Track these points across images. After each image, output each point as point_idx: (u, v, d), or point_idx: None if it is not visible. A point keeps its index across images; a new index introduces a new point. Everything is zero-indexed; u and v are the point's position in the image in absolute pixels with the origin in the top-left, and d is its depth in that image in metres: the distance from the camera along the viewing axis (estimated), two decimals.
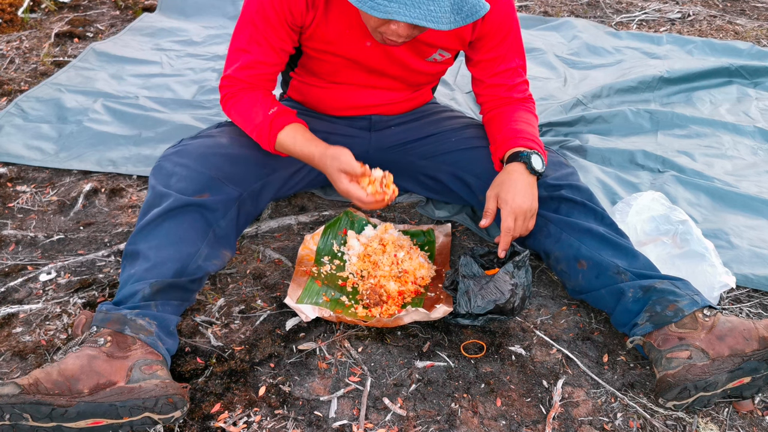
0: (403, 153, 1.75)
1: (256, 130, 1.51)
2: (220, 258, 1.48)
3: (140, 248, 1.37)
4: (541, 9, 3.58)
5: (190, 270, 1.39)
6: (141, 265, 1.35)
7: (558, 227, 1.49)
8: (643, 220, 1.65)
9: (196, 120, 2.26)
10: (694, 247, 1.55)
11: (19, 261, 1.66)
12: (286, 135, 1.49)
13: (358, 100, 1.69)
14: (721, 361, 1.26)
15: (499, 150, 1.56)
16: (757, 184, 2.02)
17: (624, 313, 1.39)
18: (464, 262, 1.44)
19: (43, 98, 2.37)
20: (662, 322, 1.32)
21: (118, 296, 1.33)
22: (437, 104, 1.88)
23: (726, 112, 2.45)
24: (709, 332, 1.29)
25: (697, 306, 1.32)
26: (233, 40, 1.52)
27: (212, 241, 1.45)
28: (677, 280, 1.39)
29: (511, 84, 1.63)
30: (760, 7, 3.71)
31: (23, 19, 3.11)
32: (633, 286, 1.38)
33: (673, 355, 1.29)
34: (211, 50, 2.86)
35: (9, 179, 1.99)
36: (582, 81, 2.67)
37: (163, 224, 1.39)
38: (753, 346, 1.26)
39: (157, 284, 1.32)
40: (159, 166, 1.52)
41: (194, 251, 1.40)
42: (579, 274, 1.46)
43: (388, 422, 1.26)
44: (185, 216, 1.41)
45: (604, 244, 1.44)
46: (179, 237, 1.39)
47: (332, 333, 1.45)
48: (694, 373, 1.25)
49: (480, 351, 1.42)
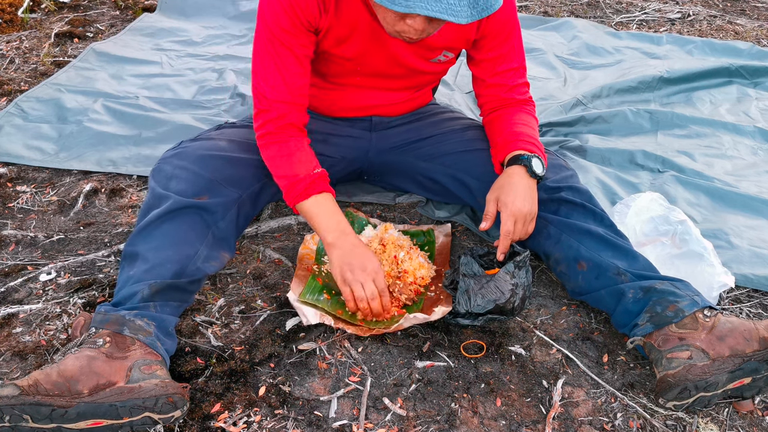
0: (403, 154, 1.74)
1: (292, 179, 1.48)
2: (218, 259, 1.48)
3: (139, 249, 1.38)
4: (541, 9, 3.58)
5: (189, 271, 1.39)
6: (140, 267, 1.35)
7: (558, 229, 1.50)
8: (642, 221, 1.65)
9: (196, 120, 2.26)
10: (693, 247, 1.55)
11: (19, 261, 1.66)
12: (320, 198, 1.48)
13: (360, 101, 1.69)
14: (722, 361, 1.26)
15: (500, 153, 1.56)
16: (757, 184, 2.02)
17: (624, 314, 1.39)
18: (465, 262, 1.44)
19: (43, 98, 2.37)
20: (663, 322, 1.32)
21: (116, 297, 1.33)
22: (437, 105, 1.88)
23: (726, 112, 2.45)
24: (709, 333, 1.29)
25: (697, 306, 1.32)
26: (256, 60, 1.48)
27: (211, 243, 1.45)
28: (677, 281, 1.39)
29: (512, 84, 1.63)
30: (760, 7, 3.71)
31: (23, 19, 3.11)
32: (633, 287, 1.38)
33: (673, 355, 1.29)
34: (211, 50, 2.86)
35: (9, 179, 2.00)
36: (582, 81, 2.67)
37: (162, 226, 1.40)
38: (753, 346, 1.26)
39: (156, 285, 1.33)
40: (158, 169, 1.52)
41: (193, 253, 1.41)
42: (579, 275, 1.46)
43: (388, 422, 1.26)
44: (184, 218, 1.42)
45: (604, 245, 1.44)
46: (178, 239, 1.39)
47: (332, 333, 1.45)
48: (694, 373, 1.25)
49: (480, 351, 1.42)
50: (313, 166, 1.49)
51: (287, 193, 1.49)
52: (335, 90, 1.66)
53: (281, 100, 1.47)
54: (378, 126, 1.75)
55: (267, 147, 1.51)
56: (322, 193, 1.48)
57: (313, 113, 1.72)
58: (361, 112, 1.73)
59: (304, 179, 1.47)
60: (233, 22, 3.15)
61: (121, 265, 1.40)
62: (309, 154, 1.51)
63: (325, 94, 1.68)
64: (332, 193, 1.50)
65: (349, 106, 1.70)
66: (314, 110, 1.73)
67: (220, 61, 2.73)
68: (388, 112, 1.74)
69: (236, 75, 2.58)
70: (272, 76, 1.46)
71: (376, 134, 1.75)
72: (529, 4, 3.64)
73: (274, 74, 1.46)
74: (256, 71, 1.48)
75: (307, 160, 1.50)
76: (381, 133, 1.75)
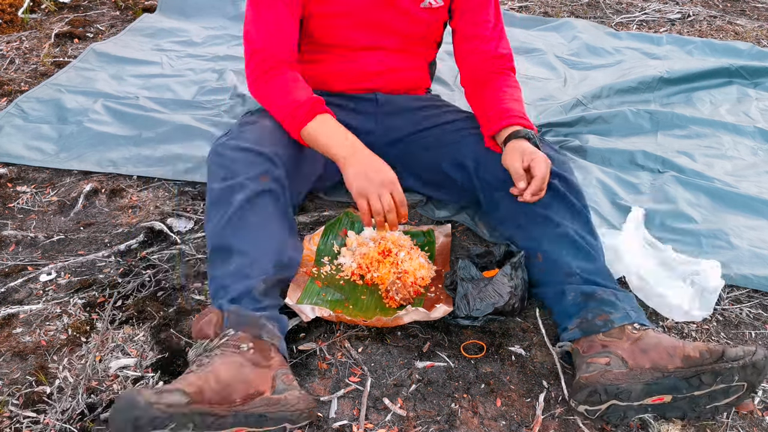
0: (407, 145, 1.76)
1: (293, 105, 1.50)
2: (299, 246, 1.48)
3: (232, 243, 1.35)
4: (541, 9, 3.58)
5: (285, 261, 1.40)
6: (240, 261, 1.33)
7: (528, 218, 1.49)
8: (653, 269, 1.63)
9: (196, 120, 2.26)
10: None
11: (19, 261, 1.66)
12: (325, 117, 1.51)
13: (360, 67, 1.72)
14: (639, 371, 1.22)
15: (492, 126, 1.56)
16: (757, 184, 2.02)
17: (561, 315, 1.40)
18: (462, 266, 1.45)
19: (44, 99, 2.37)
20: (591, 330, 1.31)
21: (229, 294, 1.30)
22: (439, 97, 1.92)
23: (726, 113, 2.45)
24: (633, 343, 1.27)
25: (628, 320, 1.31)
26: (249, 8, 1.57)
27: (289, 230, 1.45)
28: (621, 292, 1.38)
29: (489, 36, 1.68)
30: (760, 8, 3.71)
31: (23, 19, 3.11)
32: (575, 290, 1.38)
33: (592, 360, 1.27)
34: (212, 51, 2.86)
35: (9, 179, 2.00)
36: (582, 81, 2.67)
37: (246, 217, 1.37)
38: (676, 363, 1.22)
39: (269, 280, 1.33)
40: (216, 154, 1.48)
41: (283, 242, 1.41)
42: (535, 267, 1.47)
43: (388, 422, 1.26)
44: (264, 205, 1.39)
45: (566, 243, 1.44)
46: (267, 230, 1.38)
47: (332, 333, 1.45)
48: (607, 378, 1.23)
49: (480, 351, 1.42)
50: (310, 91, 1.54)
51: (292, 120, 1.50)
52: (335, 59, 1.71)
53: (272, 45, 1.54)
54: (384, 106, 1.77)
55: (264, 85, 1.55)
56: (325, 113, 1.51)
57: (318, 91, 1.72)
58: (364, 83, 1.75)
59: (307, 102, 1.50)
60: (233, 23, 3.15)
61: (211, 259, 1.37)
62: (304, 83, 1.56)
63: (327, 68, 1.72)
64: (333, 114, 1.53)
65: (351, 76, 1.73)
66: (319, 86, 1.74)
67: (220, 62, 2.73)
68: (390, 83, 1.77)
69: (236, 75, 2.58)
70: (264, 24, 1.53)
71: (381, 122, 1.77)
72: (529, 4, 3.65)
73: (266, 23, 1.53)
74: (249, 20, 1.56)
75: (305, 87, 1.54)
76: (386, 121, 1.77)
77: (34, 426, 1.24)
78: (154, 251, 1.69)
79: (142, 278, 1.60)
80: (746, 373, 1.20)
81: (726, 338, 1.49)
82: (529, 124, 1.54)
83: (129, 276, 1.61)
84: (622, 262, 1.59)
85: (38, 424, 1.24)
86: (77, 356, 1.39)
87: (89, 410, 1.27)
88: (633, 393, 1.22)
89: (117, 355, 1.39)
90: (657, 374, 1.21)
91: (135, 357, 1.39)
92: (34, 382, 1.32)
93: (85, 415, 1.26)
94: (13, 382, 1.33)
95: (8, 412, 1.26)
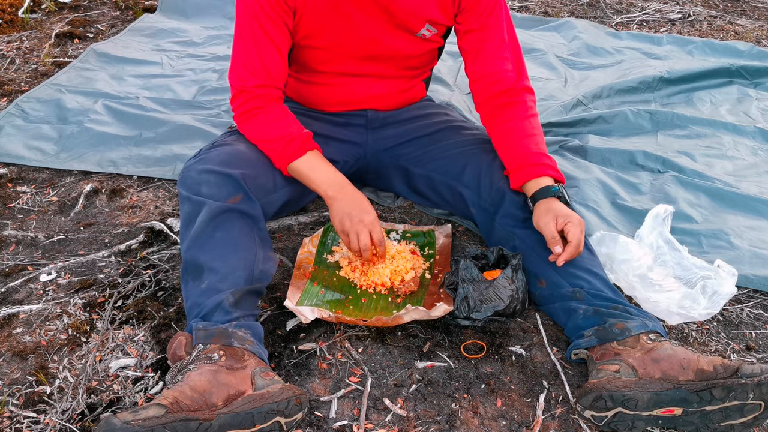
0: (396, 155, 1.75)
1: (285, 139, 1.50)
2: (272, 259, 1.48)
3: (202, 260, 1.36)
4: (541, 9, 3.58)
5: (256, 275, 1.39)
6: (211, 277, 1.34)
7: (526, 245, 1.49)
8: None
9: (196, 121, 2.26)
10: None
11: (19, 261, 1.66)
12: (315, 153, 1.52)
13: (353, 92, 1.69)
14: (648, 381, 1.22)
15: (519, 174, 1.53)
16: (758, 184, 2.02)
17: (574, 329, 1.40)
18: (464, 266, 1.44)
19: (44, 99, 2.37)
20: (607, 338, 1.31)
21: (202, 311, 1.31)
22: (432, 102, 1.88)
23: (726, 113, 2.45)
24: (646, 353, 1.26)
25: (645, 329, 1.30)
26: (237, 43, 1.53)
27: (260, 243, 1.45)
28: (631, 307, 1.38)
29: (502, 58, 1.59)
30: (761, 8, 3.71)
31: (23, 19, 3.11)
32: (584, 306, 1.38)
33: (603, 367, 1.28)
34: (212, 51, 2.86)
35: (9, 180, 2.00)
36: (582, 81, 2.67)
37: (215, 234, 1.38)
38: (688, 375, 1.20)
39: (237, 292, 1.33)
40: (185, 177, 1.48)
41: (253, 256, 1.40)
42: (537, 290, 1.48)
43: (388, 422, 1.26)
44: (232, 223, 1.40)
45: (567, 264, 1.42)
46: (235, 245, 1.39)
47: (332, 333, 1.45)
48: (614, 385, 1.22)
49: (480, 351, 1.42)
50: (301, 126, 1.54)
51: (282, 154, 1.51)
52: (328, 82, 1.68)
53: (260, 83, 1.52)
54: (374, 122, 1.75)
55: (252, 118, 1.54)
56: (314, 150, 1.53)
57: (310, 111, 1.72)
58: (355, 106, 1.73)
59: (298, 137, 1.51)
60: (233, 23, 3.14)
61: (183, 278, 1.38)
62: (294, 117, 1.56)
63: (319, 89, 1.69)
64: (320, 150, 1.55)
65: (342, 99, 1.71)
66: (310, 107, 1.73)
67: (221, 62, 2.73)
68: (383, 104, 1.74)
69: None
70: (251, 62, 1.51)
71: (372, 133, 1.75)
72: (529, 4, 3.65)
73: (253, 60, 1.51)
74: (236, 56, 1.53)
75: (295, 122, 1.54)
76: (376, 132, 1.75)
77: (34, 426, 1.24)
78: (154, 251, 1.69)
79: (142, 278, 1.60)
80: (762, 391, 1.17)
81: (726, 338, 1.49)
82: (556, 172, 1.51)
83: (129, 276, 1.61)
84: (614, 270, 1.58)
85: (38, 424, 1.24)
86: (77, 356, 1.39)
87: (89, 410, 1.27)
88: (640, 402, 1.20)
89: (117, 355, 1.39)
90: (666, 385, 1.20)
91: (135, 357, 1.39)
92: (34, 382, 1.33)
93: (85, 415, 1.26)
94: (13, 382, 1.33)
95: (8, 412, 1.26)
